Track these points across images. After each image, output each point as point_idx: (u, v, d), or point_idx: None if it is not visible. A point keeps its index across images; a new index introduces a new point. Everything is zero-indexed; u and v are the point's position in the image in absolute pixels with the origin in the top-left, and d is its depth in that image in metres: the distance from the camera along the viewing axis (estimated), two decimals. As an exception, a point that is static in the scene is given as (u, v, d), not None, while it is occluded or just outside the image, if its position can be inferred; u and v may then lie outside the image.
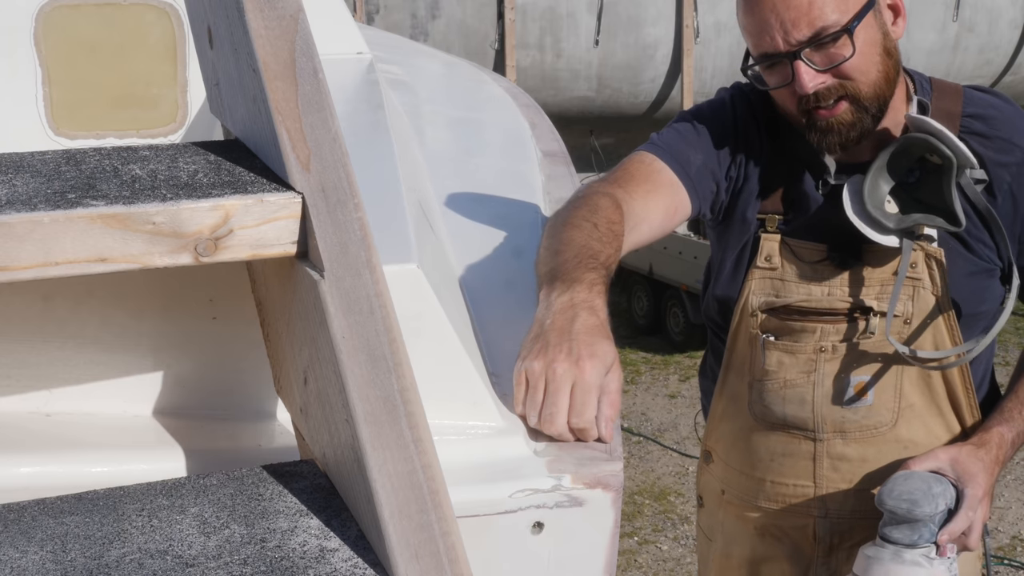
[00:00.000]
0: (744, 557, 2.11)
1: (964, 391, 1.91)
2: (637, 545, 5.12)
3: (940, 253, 1.85)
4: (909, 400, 1.91)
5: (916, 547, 1.74)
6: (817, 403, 1.94)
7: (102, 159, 1.26)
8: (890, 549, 1.76)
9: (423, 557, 1.02)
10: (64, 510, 1.14)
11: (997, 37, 11.37)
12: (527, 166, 2.28)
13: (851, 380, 1.92)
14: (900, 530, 1.75)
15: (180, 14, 2.50)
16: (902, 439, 1.93)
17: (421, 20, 10.27)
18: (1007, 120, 1.88)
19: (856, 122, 1.80)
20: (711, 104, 2.02)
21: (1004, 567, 4.89)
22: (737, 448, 2.07)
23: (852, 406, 1.92)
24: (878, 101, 1.80)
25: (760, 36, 1.78)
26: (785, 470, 2.00)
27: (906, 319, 1.87)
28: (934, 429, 1.93)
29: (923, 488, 1.76)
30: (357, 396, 1.05)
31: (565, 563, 1.39)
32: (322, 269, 1.10)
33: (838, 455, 1.95)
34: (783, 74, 1.79)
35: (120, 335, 1.44)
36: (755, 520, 2.07)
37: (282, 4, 1.16)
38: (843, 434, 1.94)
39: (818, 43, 1.74)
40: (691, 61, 10.61)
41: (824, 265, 1.90)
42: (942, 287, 1.86)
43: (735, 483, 2.09)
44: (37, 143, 2.42)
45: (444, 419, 1.41)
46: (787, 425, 1.98)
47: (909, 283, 1.86)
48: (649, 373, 7.33)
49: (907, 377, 1.90)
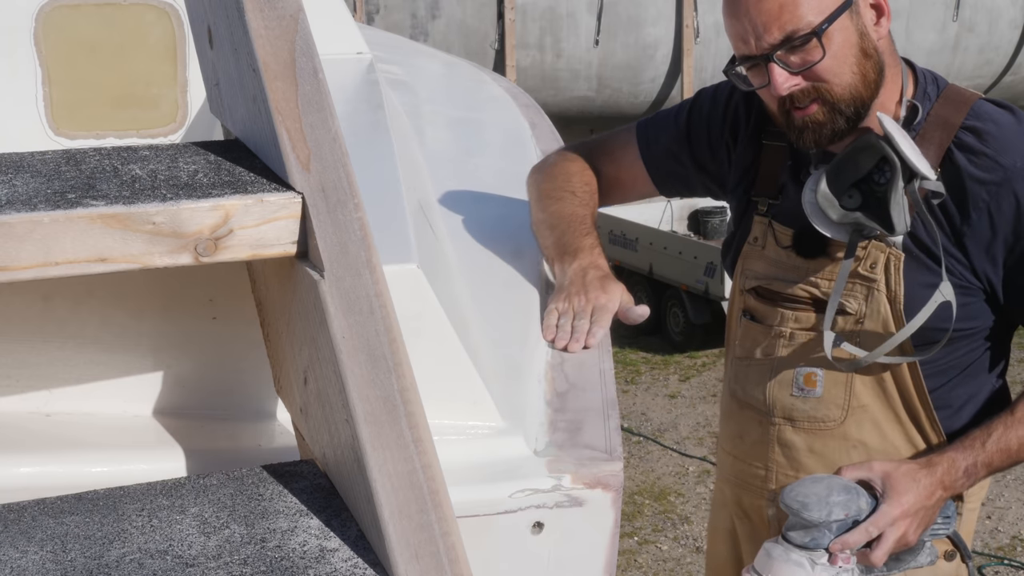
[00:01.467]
0: (725, 530, 2.19)
1: (921, 403, 1.90)
2: (637, 545, 5.12)
3: (900, 257, 1.84)
4: (861, 400, 1.92)
5: (807, 549, 1.75)
6: (770, 386, 1.98)
7: (102, 159, 1.26)
8: (783, 546, 1.78)
9: (423, 557, 1.02)
10: (64, 510, 1.14)
11: (997, 37, 11.37)
12: (527, 166, 2.28)
13: (802, 369, 1.94)
14: (796, 531, 1.77)
15: (180, 14, 2.50)
16: (851, 438, 1.94)
17: (421, 20, 10.27)
18: (1000, 137, 1.83)
19: (828, 122, 1.81)
20: (716, 88, 2.10)
21: (1004, 567, 4.88)
22: (722, 424, 2.16)
23: (801, 395, 1.95)
24: (854, 103, 1.81)
25: (737, 39, 1.83)
26: (745, 449, 2.08)
27: (858, 318, 1.88)
28: (890, 436, 1.92)
29: (821, 494, 1.76)
30: (357, 396, 1.05)
31: (565, 563, 1.40)
32: (322, 269, 1.10)
33: (786, 442, 1.99)
34: (761, 76, 1.82)
35: (120, 335, 1.44)
36: (729, 495, 2.15)
37: (282, 4, 1.16)
38: (792, 422, 1.98)
39: (790, 47, 1.76)
40: (691, 61, 10.61)
41: (791, 251, 1.93)
42: (896, 293, 1.85)
43: (720, 458, 2.19)
44: (37, 143, 2.42)
45: (444, 419, 1.41)
46: (750, 405, 2.03)
47: (864, 284, 1.86)
48: (649, 373, 7.33)
49: (859, 376, 1.91)
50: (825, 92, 1.79)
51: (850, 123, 1.82)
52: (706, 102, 2.09)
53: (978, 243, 1.83)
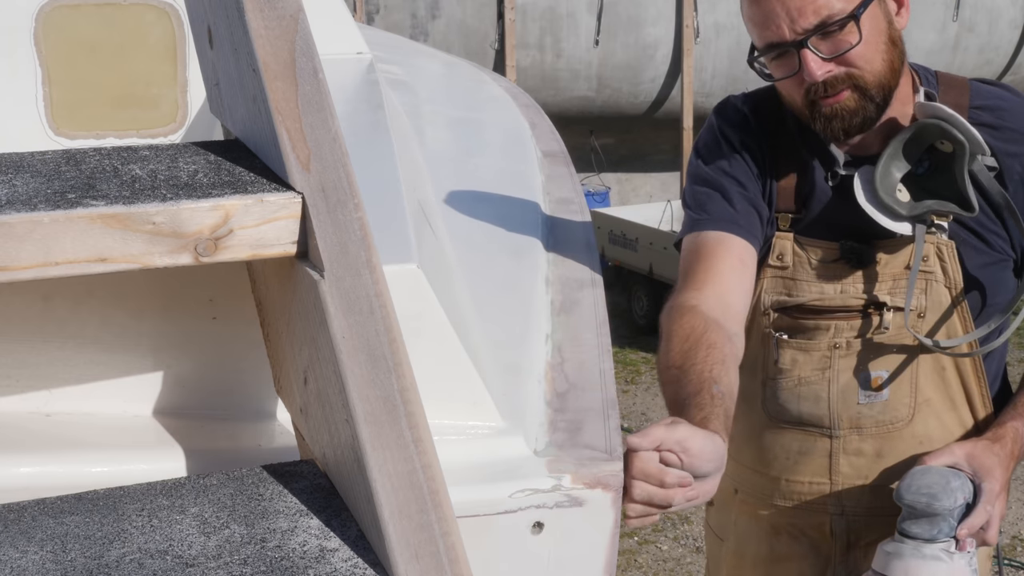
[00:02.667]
0: (760, 556, 2.11)
1: (977, 383, 1.91)
2: (637, 545, 5.12)
3: (951, 246, 1.86)
4: (925, 395, 1.92)
5: (936, 541, 1.74)
6: (833, 400, 1.94)
7: (102, 159, 1.26)
8: (910, 544, 1.75)
9: (423, 557, 1.02)
10: (64, 510, 1.14)
11: (997, 37, 11.37)
12: (527, 166, 2.29)
13: (867, 376, 1.92)
14: (919, 525, 1.75)
15: (180, 14, 2.50)
16: (918, 434, 1.93)
17: (421, 20, 10.27)
18: (1015, 111, 1.89)
19: (859, 109, 1.81)
20: (705, 143, 2.00)
21: (1004, 567, 4.89)
22: (750, 446, 2.07)
23: (868, 402, 1.93)
24: (883, 90, 1.82)
25: (766, 26, 1.79)
26: (801, 468, 2.01)
27: (920, 312, 1.88)
28: (948, 424, 1.93)
29: (941, 482, 1.76)
30: (357, 396, 1.05)
31: (565, 563, 1.39)
32: (322, 269, 1.10)
33: (854, 451, 1.96)
34: (790, 64, 1.80)
35: (120, 335, 1.44)
36: (770, 518, 2.07)
37: (282, 4, 1.16)
38: (859, 430, 1.95)
39: (824, 31, 1.76)
40: (691, 61, 10.61)
41: (837, 264, 1.91)
42: (955, 280, 1.86)
43: (749, 481, 2.09)
44: (37, 143, 2.42)
45: (444, 419, 1.41)
46: (802, 423, 1.98)
47: (922, 277, 1.87)
48: (649, 373, 7.32)
49: (922, 371, 1.91)
50: (858, 78, 1.79)
51: (879, 110, 1.83)
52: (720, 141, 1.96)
53: (1015, 214, 1.86)
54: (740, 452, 2.08)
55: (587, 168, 10.64)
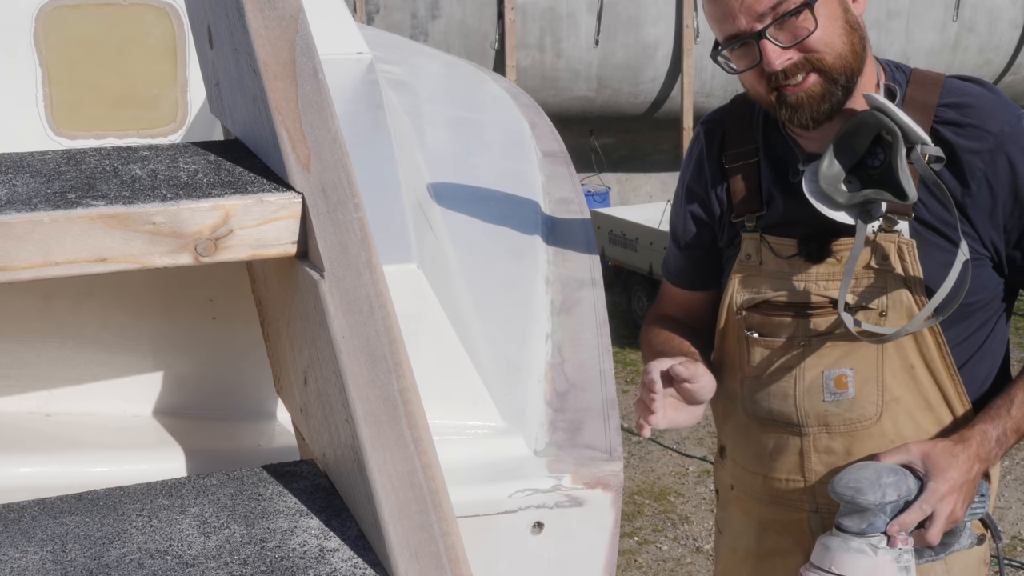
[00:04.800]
0: (749, 551, 2.14)
1: (952, 383, 1.91)
2: (637, 545, 5.12)
3: (912, 244, 1.86)
4: (894, 394, 1.91)
5: (865, 536, 1.75)
6: (799, 397, 1.96)
7: (102, 159, 1.26)
8: (839, 537, 1.77)
9: (423, 557, 1.02)
10: (64, 510, 1.14)
11: (997, 37, 11.38)
12: (527, 166, 2.29)
13: (831, 373, 1.93)
14: (851, 519, 1.76)
15: (180, 14, 2.50)
16: (887, 433, 1.93)
17: (421, 20, 10.27)
18: (980, 107, 1.88)
19: (826, 94, 1.82)
20: (687, 153, 2.14)
21: (1004, 567, 4.88)
22: (739, 445, 2.11)
23: (834, 399, 1.93)
24: (846, 72, 1.83)
25: (724, 20, 1.82)
26: (777, 465, 2.03)
27: (881, 311, 1.88)
28: (923, 424, 1.93)
29: (872, 477, 1.76)
30: (357, 396, 1.05)
31: (565, 563, 1.40)
32: (322, 269, 1.10)
33: (824, 449, 1.97)
34: (751, 56, 1.82)
35: (120, 335, 1.44)
36: (758, 514, 2.10)
37: (282, 4, 1.16)
38: (827, 428, 1.96)
39: (780, 20, 1.77)
40: (691, 61, 10.61)
41: (797, 259, 1.93)
42: (915, 279, 1.86)
43: (741, 478, 2.13)
44: (37, 143, 2.43)
45: (444, 419, 1.41)
46: (774, 420, 2.00)
47: (881, 275, 1.87)
48: (649, 373, 7.33)
49: (889, 370, 1.91)
50: (818, 62, 1.80)
51: (846, 93, 1.84)
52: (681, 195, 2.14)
53: (981, 212, 1.86)
54: (735, 450, 2.12)
55: (587, 168, 10.65)
